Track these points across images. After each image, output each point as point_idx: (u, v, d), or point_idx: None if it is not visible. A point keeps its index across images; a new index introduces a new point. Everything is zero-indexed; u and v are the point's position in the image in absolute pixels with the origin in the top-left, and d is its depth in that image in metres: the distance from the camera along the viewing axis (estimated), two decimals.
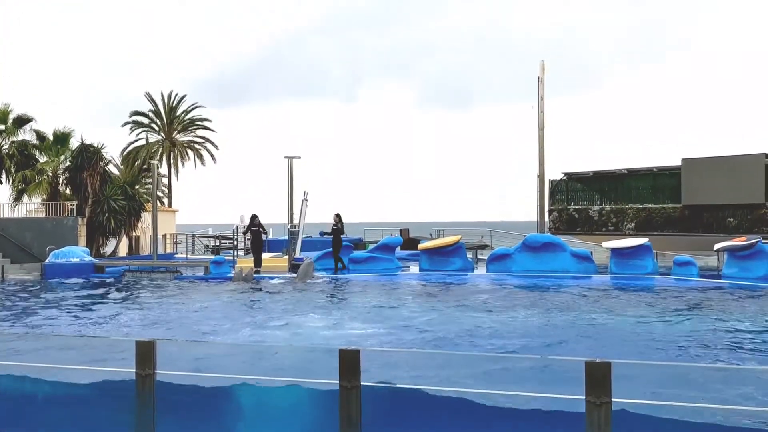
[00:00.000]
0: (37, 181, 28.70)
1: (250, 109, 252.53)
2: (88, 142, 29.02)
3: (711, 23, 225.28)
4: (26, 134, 30.28)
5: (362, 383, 6.15)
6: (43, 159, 29.97)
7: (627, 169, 27.56)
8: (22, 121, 30.19)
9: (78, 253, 23.09)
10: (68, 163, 29.34)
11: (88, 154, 28.45)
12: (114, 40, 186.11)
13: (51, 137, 30.21)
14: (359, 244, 27.69)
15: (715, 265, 20.62)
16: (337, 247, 21.18)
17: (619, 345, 10.21)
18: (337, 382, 6.13)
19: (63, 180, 29.72)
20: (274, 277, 19.70)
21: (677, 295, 15.62)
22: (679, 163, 25.26)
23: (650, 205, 25.92)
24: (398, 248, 23.46)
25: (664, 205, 25.49)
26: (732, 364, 8.72)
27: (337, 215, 21.21)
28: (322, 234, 21.77)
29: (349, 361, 6.19)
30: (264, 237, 22.18)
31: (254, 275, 19.97)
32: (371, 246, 24.39)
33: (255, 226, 21.42)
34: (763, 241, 18.87)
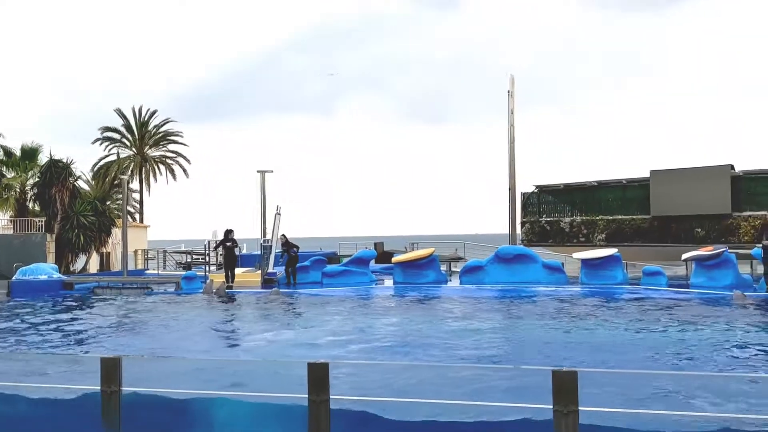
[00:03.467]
0: (4, 197, 28.24)
1: (225, 124, 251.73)
2: (57, 157, 28.71)
3: (681, 40, 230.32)
4: None
5: (331, 397, 6.13)
6: (10, 174, 29.52)
7: (597, 181, 27.94)
8: None
9: (46, 270, 22.70)
10: (37, 179, 28.93)
11: (57, 170, 28.09)
12: (87, 55, 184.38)
13: (19, 152, 29.79)
14: (333, 257, 27.58)
15: (684, 274, 20.97)
16: (293, 263, 21.98)
17: (592, 353, 10.29)
18: (306, 395, 6.11)
19: (31, 196, 29.30)
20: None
21: (647, 304, 15.82)
22: (647, 174, 25.66)
23: (620, 217, 26.25)
24: (372, 261, 23.46)
25: (634, 217, 25.85)
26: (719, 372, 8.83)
27: (283, 235, 22.45)
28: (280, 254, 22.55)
29: (318, 375, 6.16)
30: (237, 252, 22.12)
31: (226, 290, 19.84)
32: (345, 260, 24.34)
33: (229, 241, 21.36)
34: (729, 250, 19.22)
